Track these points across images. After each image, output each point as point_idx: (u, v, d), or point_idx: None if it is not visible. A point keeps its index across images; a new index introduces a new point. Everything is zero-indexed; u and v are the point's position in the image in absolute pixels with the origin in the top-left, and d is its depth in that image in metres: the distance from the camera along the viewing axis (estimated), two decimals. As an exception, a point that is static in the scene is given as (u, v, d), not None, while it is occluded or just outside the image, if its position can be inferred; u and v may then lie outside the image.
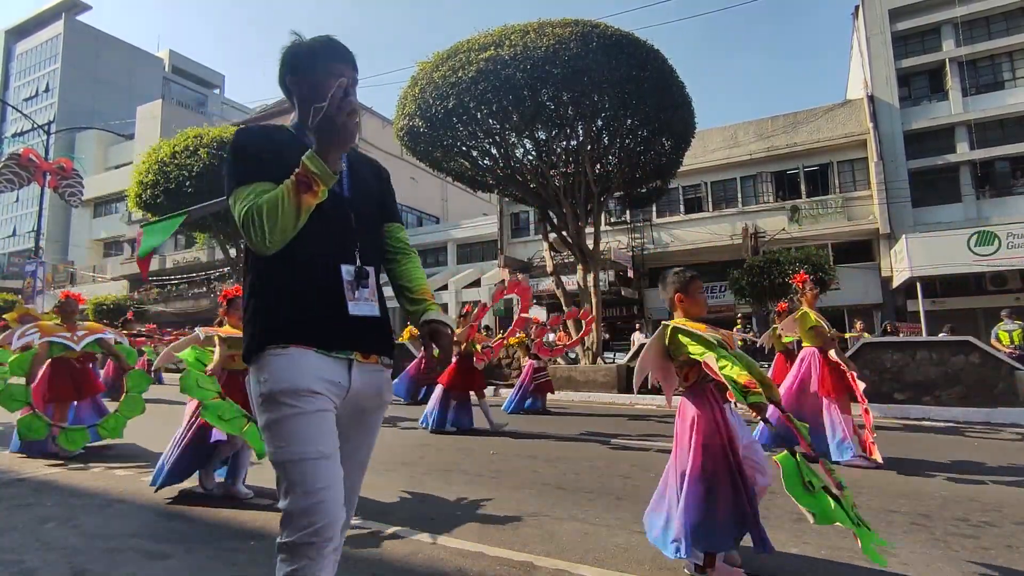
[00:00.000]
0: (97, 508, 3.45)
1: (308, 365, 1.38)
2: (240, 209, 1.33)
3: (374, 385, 1.51)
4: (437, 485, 4.06)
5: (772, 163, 21.82)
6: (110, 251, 41.94)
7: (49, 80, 54.99)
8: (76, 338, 5.06)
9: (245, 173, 1.40)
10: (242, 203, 1.34)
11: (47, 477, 4.31)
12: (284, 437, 1.34)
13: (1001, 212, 19.26)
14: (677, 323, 2.55)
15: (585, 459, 5.05)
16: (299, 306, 1.41)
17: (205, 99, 63.79)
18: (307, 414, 1.35)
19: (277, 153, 1.43)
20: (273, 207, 1.29)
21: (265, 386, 1.36)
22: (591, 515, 3.32)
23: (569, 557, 2.64)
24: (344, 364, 1.44)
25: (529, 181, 13.89)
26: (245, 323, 1.45)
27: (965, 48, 20.66)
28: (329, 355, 1.41)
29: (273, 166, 1.39)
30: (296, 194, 1.29)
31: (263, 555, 2.69)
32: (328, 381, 1.40)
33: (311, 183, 1.30)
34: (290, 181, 1.31)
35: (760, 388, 2.20)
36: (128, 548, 2.75)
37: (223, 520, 3.23)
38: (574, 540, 2.91)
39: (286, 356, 1.37)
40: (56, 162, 13.14)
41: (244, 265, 1.51)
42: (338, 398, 1.43)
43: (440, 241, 29.67)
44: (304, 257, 1.42)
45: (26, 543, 2.82)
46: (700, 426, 2.41)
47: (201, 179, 16.67)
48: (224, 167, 1.49)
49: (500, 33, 12.39)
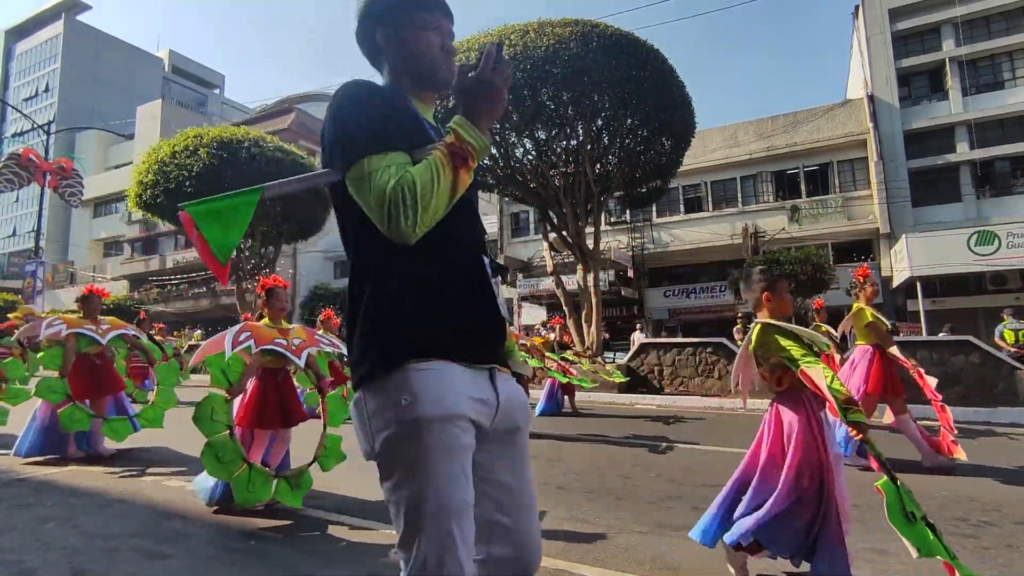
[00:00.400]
0: (97, 508, 3.46)
1: (459, 382, 1.13)
2: (380, 184, 1.04)
3: (518, 396, 1.27)
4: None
5: (772, 163, 21.82)
6: (110, 251, 41.93)
7: (49, 80, 54.99)
8: (101, 331, 5.00)
9: (378, 138, 1.10)
10: (381, 176, 1.05)
11: (47, 477, 4.31)
12: (427, 475, 1.06)
13: (1001, 212, 19.26)
14: (770, 321, 2.36)
15: (585, 459, 5.05)
16: (445, 307, 1.15)
17: (205, 99, 63.81)
18: (458, 450, 1.09)
19: (398, 117, 1.17)
20: (428, 183, 1.03)
21: (410, 410, 1.08)
22: (591, 515, 3.32)
23: (569, 557, 2.64)
24: (486, 376, 1.20)
25: (529, 181, 13.89)
26: (363, 333, 1.16)
27: (965, 48, 20.67)
28: (472, 367, 1.17)
29: (401, 133, 1.14)
30: (453, 168, 1.06)
31: (261, 554, 2.69)
32: (479, 401, 1.16)
33: (466, 156, 1.07)
34: (441, 153, 1.06)
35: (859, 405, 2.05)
36: (128, 548, 2.75)
37: (223, 520, 3.23)
38: (574, 540, 2.90)
39: (434, 372, 1.11)
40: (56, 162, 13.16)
41: (354, 257, 1.20)
42: (488, 419, 1.18)
43: (440, 241, 29.57)
44: (445, 246, 1.17)
45: (26, 543, 2.82)
46: (799, 440, 2.23)
47: (201, 179, 16.66)
48: (330, 130, 1.16)
49: (500, 33, 12.39)
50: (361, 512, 3.33)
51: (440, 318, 1.14)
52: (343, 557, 2.67)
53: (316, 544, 2.85)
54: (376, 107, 1.15)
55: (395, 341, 1.13)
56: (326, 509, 3.45)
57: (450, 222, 1.12)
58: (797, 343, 2.23)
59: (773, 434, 2.35)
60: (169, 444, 5.51)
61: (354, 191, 1.09)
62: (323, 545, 2.84)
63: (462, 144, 1.07)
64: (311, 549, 2.79)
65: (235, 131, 18.18)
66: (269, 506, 3.44)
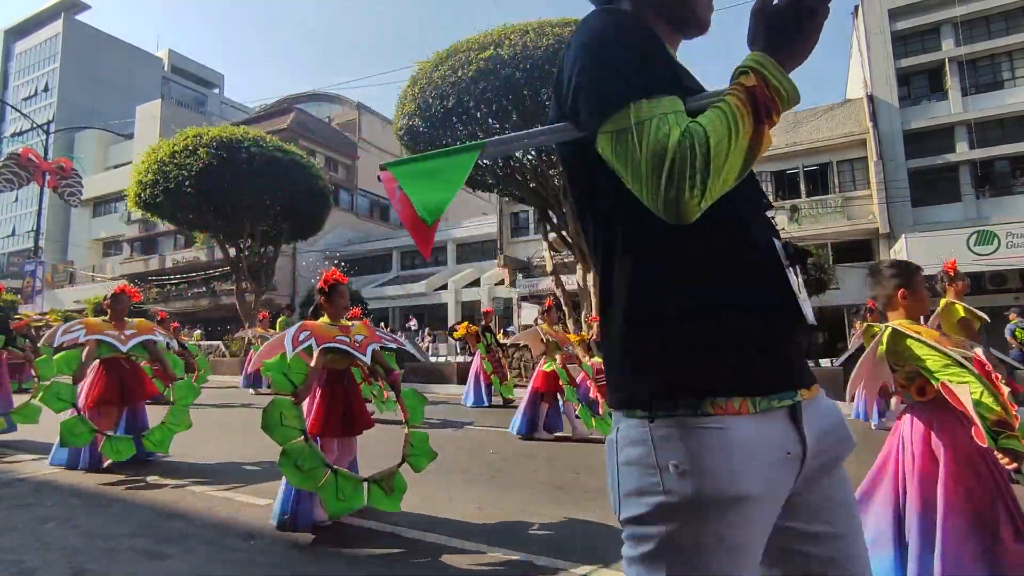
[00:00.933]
0: (97, 508, 3.46)
1: (756, 446, 0.80)
2: (659, 136, 0.75)
3: (832, 418, 0.93)
4: (438, 484, 4.06)
5: (771, 162, 21.82)
6: (109, 251, 41.93)
7: (48, 80, 54.99)
8: (124, 337, 4.62)
9: (652, 79, 0.82)
10: (658, 126, 0.76)
11: (47, 477, 4.31)
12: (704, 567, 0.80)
13: (1000, 212, 19.27)
14: (902, 327, 2.03)
15: (583, 459, 5.05)
16: (736, 318, 0.83)
17: (204, 99, 63.82)
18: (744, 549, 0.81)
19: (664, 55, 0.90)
20: (723, 139, 0.75)
21: (685, 482, 0.79)
22: (590, 515, 3.32)
23: (568, 556, 2.64)
24: (785, 416, 0.84)
25: (529, 180, 13.90)
26: (625, 355, 0.87)
27: (965, 48, 20.67)
28: (771, 402, 0.83)
29: (671, 74, 0.87)
30: (755, 121, 0.78)
31: (261, 554, 2.69)
32: (782, 460, 0.83)
33: (770, 106, 0.79)
34: (739, 99, 0.78)
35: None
36: (128, 548, 2.75)
37: (222, 520, 3.23)
38: (573, 540, 2.91)
39: (723, 433, 0.79)
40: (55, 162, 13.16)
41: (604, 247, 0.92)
42: (793, 475, 0.85)
43: (440, 241, 29.65)
44: (733, 228, 0.88)
45: (26, 543, 2.82)
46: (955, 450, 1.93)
47: (201, 179, 16.67)
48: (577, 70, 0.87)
49: (500, 33, 12.41)
50: (360, 512, 3.34)
51: (729, 335, 0.82)
52: (341, 556, 2.68)
53: (315, 543, 2.85)
54: (640, 40, 0.87)
55: (671, 378, 0.82)
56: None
57: (738, 194, 0.84)
58: (936, 352, 1.91)
59: (904, 453, 2.04)
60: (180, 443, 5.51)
61: (612, 150, 0.80)
62: (321, 544, 2.84)
63: (768, 88, 0.79)
64: (310, 548, 2.79)
65: (234, 131, 18.19)
66: (267, 506, 3.43)
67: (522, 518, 3.27)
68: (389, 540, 2.87)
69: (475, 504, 3.56)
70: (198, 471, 4.47)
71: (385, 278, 30.57)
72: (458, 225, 31.09)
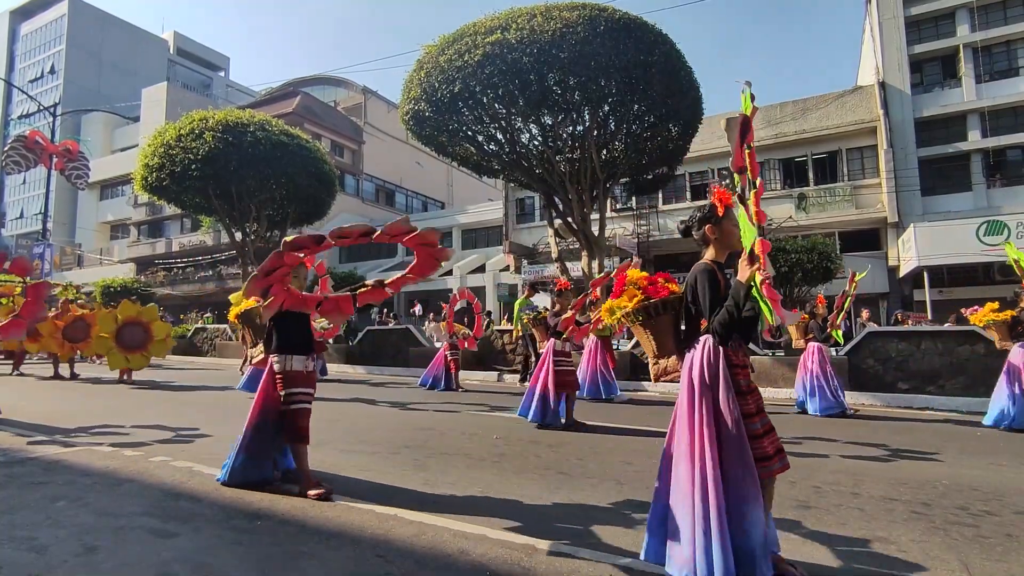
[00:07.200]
0: (107, 487, 3.51)
1: None
2: None
3: None
4: (441, 468, 4.10)
5: (780, 150, 21.60)
6: (116, 234, 42.13)
7: (54, 61, 54.86)
8: None
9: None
10: None
11: (57, 456, 4.38)
12: None
13: (1012, 201, 19.05)
14: None
15: (587, 444, 5.08)
16: None
17: (210, 82, 63.57)
18: None
19: None
20: None
21: None
22: (593, 500, 3.35)
23: (571, 540, 2.67)
24: None
25: (535, 166, 13.83)
26: None
27: (980, 33, 20.30)
28: None
29: None
30: None
31: (269, 534, 2.74)
32: None
33: None
34: None
35: None
36: (137, 526, 2.80)
37: (229, 500, 3.28)
38: (576, 524, 2.94)
39: None
40: (62, 144, 13.14)
41: None
42: None
43: (445, 226, 29.62)
44: None
45: (37, 521, 2.87)
46: None
47: (207, 162, 16.65)
48: None
49: (507, 16, 12.27)
50: (365, 492, 3.37)
51: None
52: (347, 536, 2.71)
53: (321, 523, 2.90)
54: None
55: None
56: (331, 491, 3.49)
57: None
58: None
59: None
60: (189, 424, 5.58)
61: None
62: (327, 524, 2.88)
63: None
64: (316, 528, 2.83)
65: (240, 114, 18.12)
66: (273, 486, 3.49)
67: (524, 502, 3.30)
68: (392, 522, 2.91)
69: (478, 488, 3.60)
70: (205, 452, 4.52)
71: (390, 263, 30.57)
72: (464, 210, 31.02)
